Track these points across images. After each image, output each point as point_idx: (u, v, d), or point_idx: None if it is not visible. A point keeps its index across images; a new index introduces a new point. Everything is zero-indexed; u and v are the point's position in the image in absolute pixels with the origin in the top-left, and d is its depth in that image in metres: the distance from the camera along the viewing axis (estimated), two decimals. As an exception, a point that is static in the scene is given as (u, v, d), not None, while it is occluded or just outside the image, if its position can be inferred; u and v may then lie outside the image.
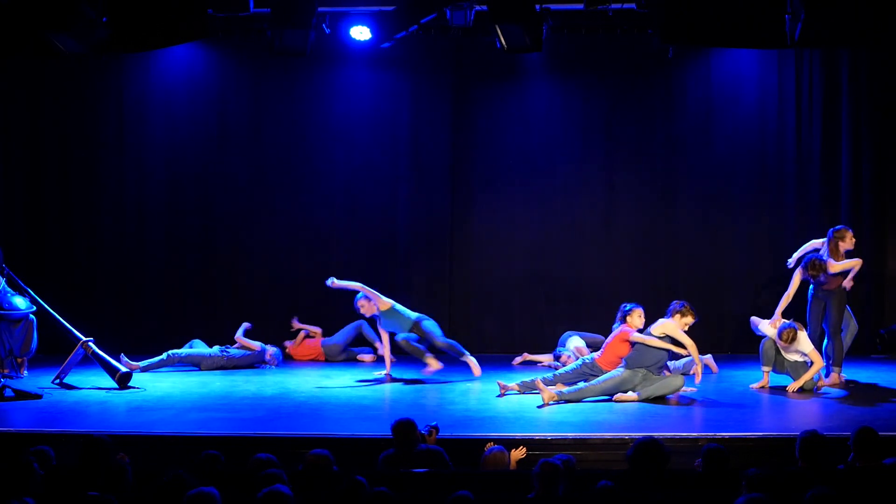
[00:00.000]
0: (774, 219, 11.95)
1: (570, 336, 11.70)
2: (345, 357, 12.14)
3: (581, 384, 9.51)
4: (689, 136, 12.67)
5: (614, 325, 10.06)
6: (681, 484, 6.02)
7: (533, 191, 12.77)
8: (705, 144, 12.66)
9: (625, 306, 9.97)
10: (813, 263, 10.00)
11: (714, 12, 9.80)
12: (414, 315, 10.68)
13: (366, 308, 10.86)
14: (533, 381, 9.60)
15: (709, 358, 11.08)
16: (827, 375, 10.10)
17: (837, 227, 10.35)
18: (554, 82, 12.76)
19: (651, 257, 12.65)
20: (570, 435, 7.99)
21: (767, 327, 10.07)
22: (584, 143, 12.76)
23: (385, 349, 10.98)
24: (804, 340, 9.83)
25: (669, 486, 5.94)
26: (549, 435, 7.95)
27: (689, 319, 9.63)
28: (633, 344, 9.60)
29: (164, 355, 11.31)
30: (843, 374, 10.16)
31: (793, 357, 9.86)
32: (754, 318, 10.35)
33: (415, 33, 11.59)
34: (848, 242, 10.17)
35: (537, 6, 10.47)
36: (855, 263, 10.11)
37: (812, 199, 12.35)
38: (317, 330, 12.35)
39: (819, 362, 9.78)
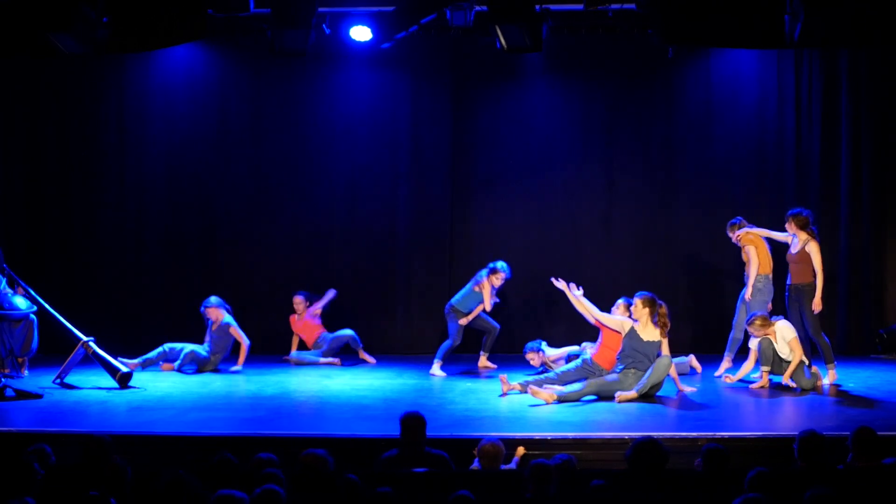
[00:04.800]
0: (774, 219, 11.87)
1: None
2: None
3: (577, 385, 9.54)
4: (689, 136, 12.68)
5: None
6: (680, 484, 6.02)
7: (533, 190, 12.77)
8: (705, 144, 12.67)
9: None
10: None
11: (714, 12, 9.80)
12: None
13: None
14: (536, 381, 9.65)
15: (692, 358, 11.08)
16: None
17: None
18: (554, 82, 12.76)
19: (651, 257, 12.66)
20: (570, 435, 7.98)
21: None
22: (584, 143, 12.77)
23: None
24: (785, 328, 9.87)
25: (669, 485, 5.94)
26: (549, 435, 7.95)
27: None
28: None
29: (161, 349, 11.43)
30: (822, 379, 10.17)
31: (784, 353, 9.86)
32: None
33: (415, 33, 11.59)
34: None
35: (537, 6, 10.47)
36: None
37: (812, 198, 12.34)
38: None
39: (799, 351, 9.79)
